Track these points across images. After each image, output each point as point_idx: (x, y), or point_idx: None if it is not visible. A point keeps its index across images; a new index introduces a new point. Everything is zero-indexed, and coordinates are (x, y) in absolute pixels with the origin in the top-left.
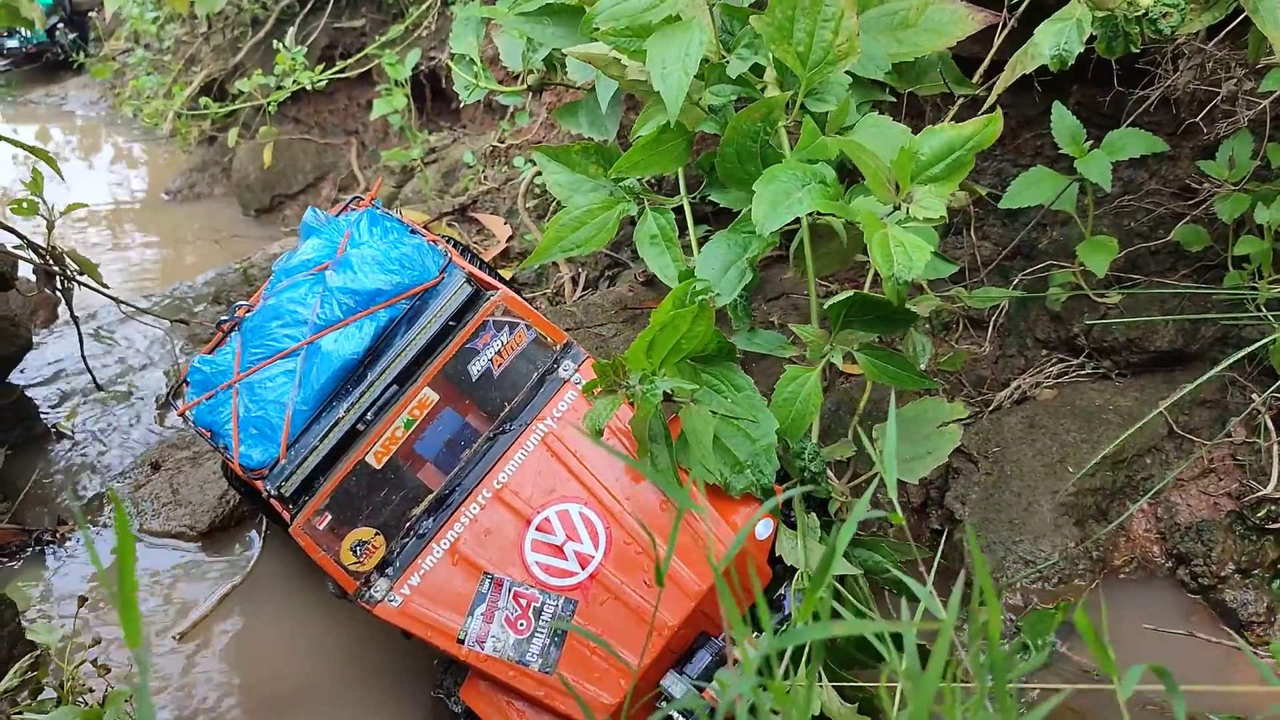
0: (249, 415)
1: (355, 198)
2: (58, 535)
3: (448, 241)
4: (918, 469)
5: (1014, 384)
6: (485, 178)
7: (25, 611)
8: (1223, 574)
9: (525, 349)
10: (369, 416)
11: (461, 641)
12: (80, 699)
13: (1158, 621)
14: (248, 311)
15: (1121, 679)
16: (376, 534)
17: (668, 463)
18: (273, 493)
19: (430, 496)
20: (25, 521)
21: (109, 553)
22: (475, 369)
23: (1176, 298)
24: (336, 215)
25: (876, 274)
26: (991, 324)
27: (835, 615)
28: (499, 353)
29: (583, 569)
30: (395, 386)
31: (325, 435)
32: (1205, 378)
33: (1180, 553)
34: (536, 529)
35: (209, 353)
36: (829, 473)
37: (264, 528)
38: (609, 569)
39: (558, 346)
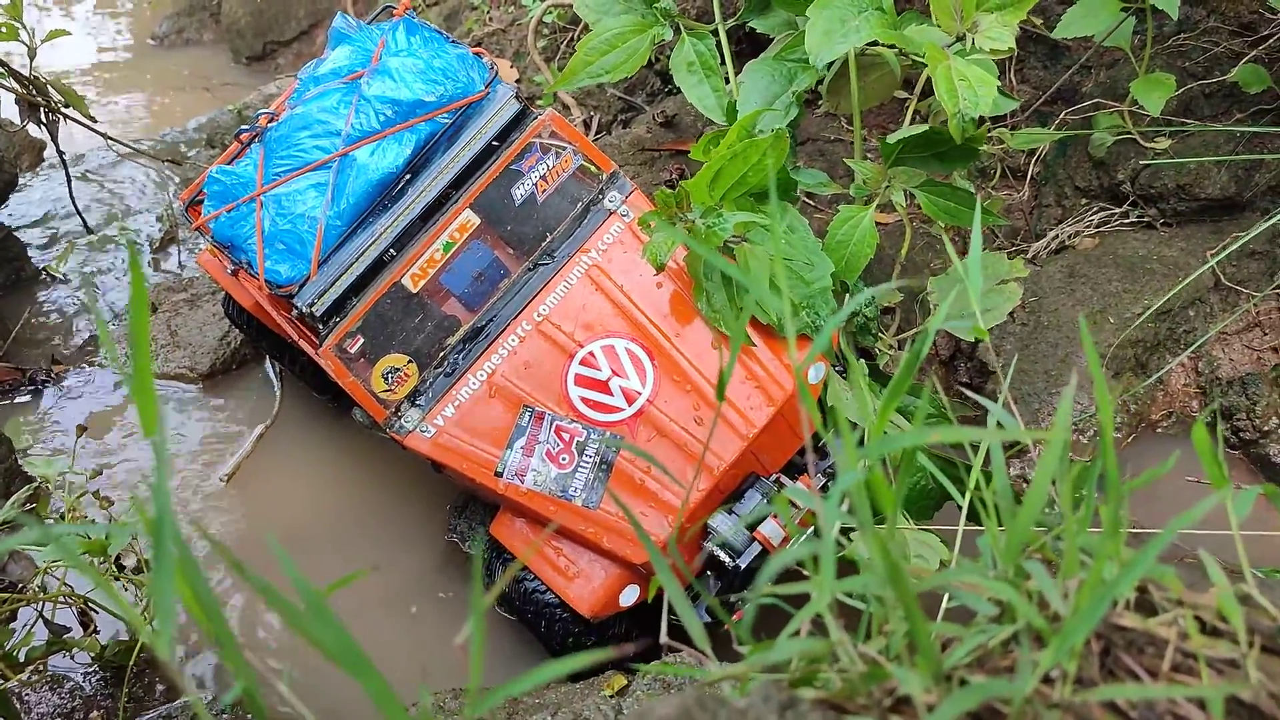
0: (276, 229)
1: (387, 7)
2: (53, 374)
3: None
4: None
5: (1052, 233)
6: (490, 19)
7: (26, 450)
8: (1266, 428)
9: (571, 175)
10: (406, 237)
11: (500, 474)
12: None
13: (1196, 476)
14: (270, 121)
15: (1234, 500)
16: (409, 361)
17: (724, 302)
18: (302, 310)
19: (467, 326)
20: (17, 362)
21: (111, 388)
22: (519, 193)
23: (1230, 142)
24: (369, 24)
25: (916, 110)
26: (1029, 171)
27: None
28: (544, 177)
29: (629, 405)
30: (434, 206)
31: (361, 253)
32: (1260, 227)
33: (1221, 406)
34: (580, 363)
35: (227, 163)
36: (878, 329)
37: (278, 368)
38: (657, 406)
39: (604, 176)
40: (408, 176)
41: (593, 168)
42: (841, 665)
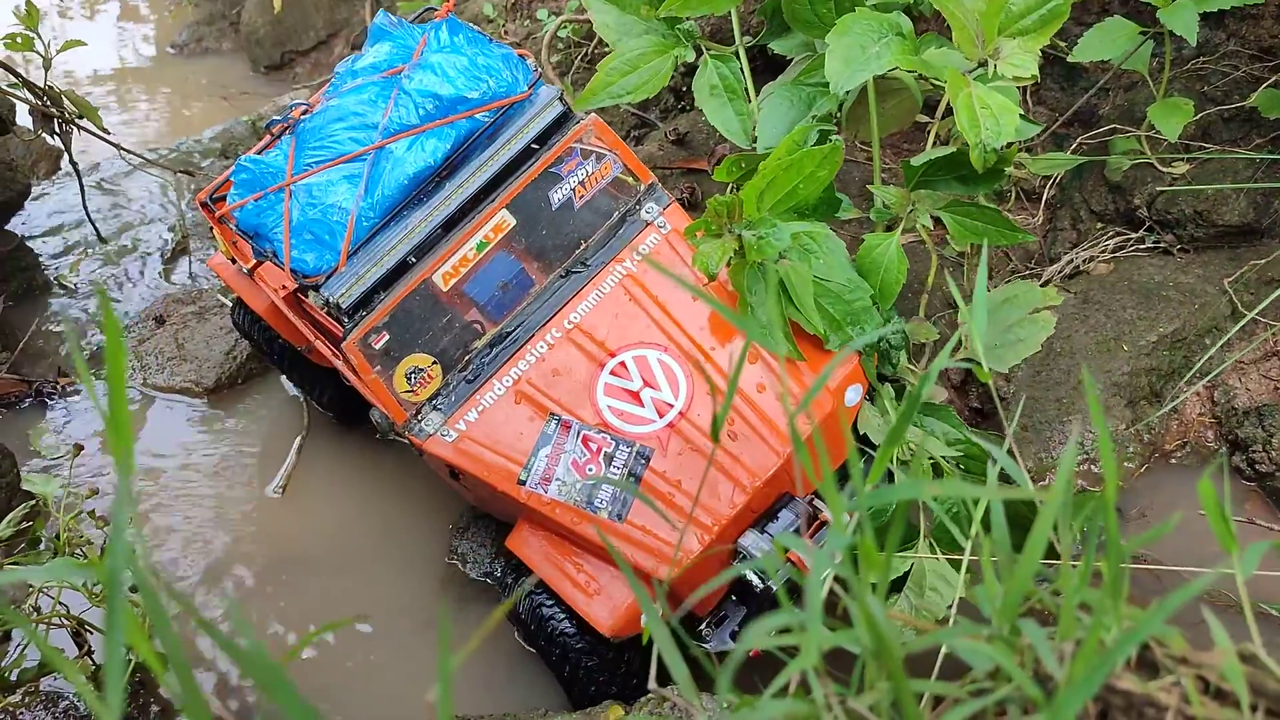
0: (304, 219)
1: (429, 8)
2: (59, 386)
3: None
4: (1008, 357)
5: (1067, 258)
6: (506, 32)
7: (28, 463)
8: None
9: (610, 183)
10: (439, 234)
11: (523, 483)
12: (78, 550)
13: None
14: (304, 113)
15: (1241, 557)
16: (434, 363)
17: (770, 317)
18: (328, 301)
19: (494, 330)
20: (25, 373)
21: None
22: (556, 197)
23: (1249, 168)
24: (410, 23)
25: (936, 134)
26: (1044, 194)
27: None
28: (582, 183)
29: (660, 417)
30: (470, 205)
31: (393, 247)
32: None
33: (1237, 438)
34: (610, 373)
35: (257, 154)
36: (908, 359)
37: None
38: (689, 420)
39: (642, 187)
40: (444, 173)
41: (630, 179)
42: None
